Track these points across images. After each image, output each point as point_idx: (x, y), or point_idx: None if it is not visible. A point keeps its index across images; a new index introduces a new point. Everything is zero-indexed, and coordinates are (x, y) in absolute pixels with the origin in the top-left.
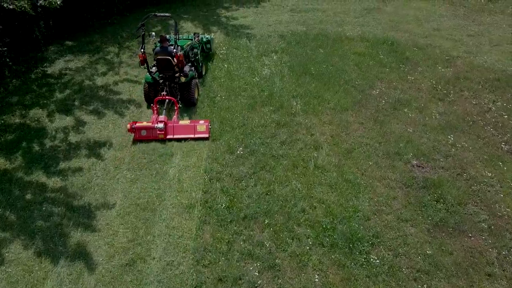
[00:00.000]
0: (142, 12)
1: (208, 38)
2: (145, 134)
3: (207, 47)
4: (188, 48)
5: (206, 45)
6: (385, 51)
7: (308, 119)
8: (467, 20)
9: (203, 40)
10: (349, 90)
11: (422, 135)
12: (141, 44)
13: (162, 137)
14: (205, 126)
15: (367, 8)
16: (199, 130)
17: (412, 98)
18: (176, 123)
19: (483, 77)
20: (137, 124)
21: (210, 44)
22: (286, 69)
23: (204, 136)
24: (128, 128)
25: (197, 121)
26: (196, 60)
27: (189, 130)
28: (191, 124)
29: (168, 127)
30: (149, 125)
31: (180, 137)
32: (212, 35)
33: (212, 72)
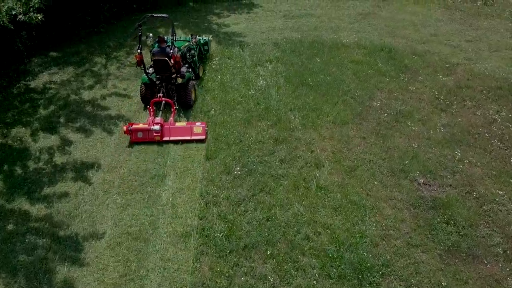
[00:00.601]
0: (130, 19)
1: (206, 39)
2: (141, 136)
3: (204, 48)
4: (186, 49)
5: (203, 47)
6: (383, 59)
7: (307, 134)
8: (464, 24)
9: (200, 41)
10: (348, 101)
11: (427, 149)
12: (138, 44)
13: (159, 139)
14: (201, 128)
15: (362, 13)
16: (196, 132)
17: (414, 109)
18: (172, 125)
19: (485, 85)
20: (133, 126)
21: (208, 45)
22: (282, 80)
23: (201, 138)
24: (124, 130)
25: (194, 123)
26: (193, 62)
27: (186, 132)
28: (188, 126)
29: (165, 129)
30: (145, 127)
31: (177, 139)
32: (210, 37)
33: (205, 84)
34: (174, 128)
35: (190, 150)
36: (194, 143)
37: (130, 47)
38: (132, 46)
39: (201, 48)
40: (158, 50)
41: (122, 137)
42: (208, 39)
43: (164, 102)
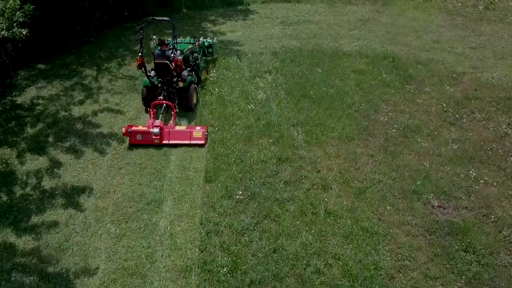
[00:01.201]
0: (122, 28)
1: (210, 42)
2: (140, 138)
3: (208, 51)
4: (188, 52)
5: (207, 49)
6: (386, 68)
7: (312, 152)
8: (467, 30)
9: (204, 44)
10: (353, 115)
11: (439, 168)
12: (139, 48)
13: (158, 142)
14: (201, 133)
15: (361, 19)
16: (195, 136)
17: (422, 123)
18: (172, 128)
19: (493, 96)
20: (133, 128)
21: (212, 48)
22: (283, 92)
23: (200, 143)
24: (123, 132)
25: (194, 127)
26: (196, 65)
27: (185, 136)
28: (187, 130)
29: (164, 132)
30: (144, 130)
31: (176, 142)
32: (215, 39)
33: (203, 97)
34: (174, 132)
35: (188, 171)
36: (192, 161)
37: (122, 57)
38: (124, 56)
39: (205, 51)
40: (159, 53)
41: (115, 157)
42: (213, 42)
43: (165, 105)
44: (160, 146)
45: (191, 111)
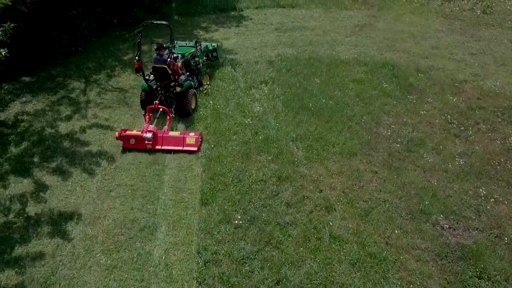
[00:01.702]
0: (111, 36)
1: (214, 46)
2: (133, 142)
3: (213, 55)
4: (190, 56)
5: (212, 53)
6: (386, 77)
7: (313, 169)
8: (465, 35)
9: (208, 48)
10: (354, 128)
11: (446, 185)
12: (137, 51)
13: (150, 147)
14: (194, 139)
15: (358, 24)
16: (188, 142)
17: (425, 135)
18: (166, 133)
19: (497, 105)
20: (127, 132)
21: (217, 52)
22: (280, 104)
23: (193, 150)
24: (116, 136)
25: (188, 133)
26: (198, 69)
27: (178, 142)
28: (181, 136)
29: (157, 137)
30: (138, 134)
31: (169, 148)
32: (220, 43)
33: (197, 111)
34: (167, 137)
35: (182, 192)
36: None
37: (111, 68)
38: (114, 67)
39: (209, 55)
40: (157, 58)
41: (105, 178)
42: (217, 45)
43: (161, 110)
44: (153, 163)
45: (188, 116)
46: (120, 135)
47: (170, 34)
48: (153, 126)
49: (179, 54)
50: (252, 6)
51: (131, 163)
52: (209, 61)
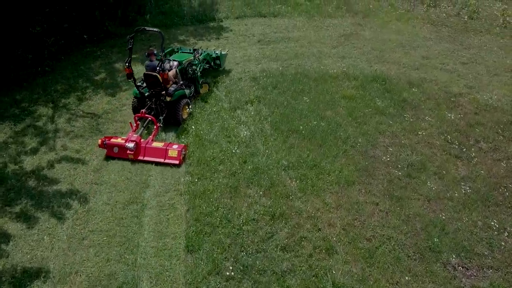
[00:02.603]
0: (81, 53)
1: (218, 53)
2: (117, 151)
3: (216, 63)
4: (187, 64)
5: (215, 61)
6: (378, 92)
7: (309, 203)
8: (454, 43)
9: (210, 55)
10: (349, 152)
11: (453, 216)
12: (128, 57)
13: (132, 157)
14: (177, 152)
15: (343, 34)
16: (171, 155)
17: (425, 158)
18: (149, 144)
19: (496, 120)
20: (112, 140)
21: (221, 60)
22: (268, 127)
23: (174, 163)
24: (99, 143)
25: (172, 144)
26: (196, 78)
27: (160, 154)
28: (163, 148)
29: (140, 147)
30: (121, 143)
31: (151, 159)
32: (227, 51)
33: (179, 136)
34: (150, 148)
35: (165, 238)
36: (170, 224)
37: (83, 90)
38: (85, 89)
39: (211, 63)
40: (148, 64)
41: (77, 224)
42: (221, 53)
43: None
44: (131, 202)
45: (179, 126)
46: (103, 143)
47: (161, 42)
48: (137, 136)
49: (175, 62)
50: (232, 16)
51: (106, 203)
52: (211, 68)
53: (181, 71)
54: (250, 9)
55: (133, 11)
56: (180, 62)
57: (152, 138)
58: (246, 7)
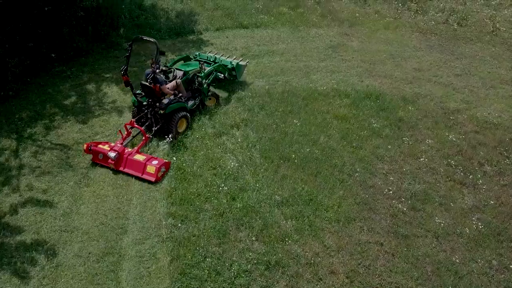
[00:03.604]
0: (49, 74)
1: (234, 64)
2: (102, 158)
3: (232, 74)
4: (192, 74)
5: (231, 72)
6: (372, 111)
7: (307, 246)
8: (445, 52)
9: (225, 66)
10: (346, 183)
11: (465, 255)
12: (124, 65)
13: (113, 167)
14: (154, 168)
15: (330, 45)
16: (148, 171)
17: (429, 187)
18: (132, 155)
19: (498, 139)
20: (99, 146)
21: (237, 71)
22: (257, 155)
23: (150, 179)
24: (84, 148)
25: (152, 159)
26: (202, 90)
27: (139, 168)
28: (143, 162)
29: (122, 158)
30: (105, 151)
31: (130, 172)
32: (246, 61)
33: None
34: (131, 160)
35: None
36: (151, 279)
37: (51, 117)
38: (53, 115)
39: (225, 74)
40: (147, 73)
41: (43, 284)
42: (238, 64)
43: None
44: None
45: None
46: (88, 148)
47: (156, 52)
48: (120, 146)
49: (181, 72)
50: (212, 28)
51: (78, 255)
52: (225, 80)
53: (186, 81)
54: (231, 20)
55: (105, 25)
56: (185, 72)
57: (137, 150)
58: (226, 18)
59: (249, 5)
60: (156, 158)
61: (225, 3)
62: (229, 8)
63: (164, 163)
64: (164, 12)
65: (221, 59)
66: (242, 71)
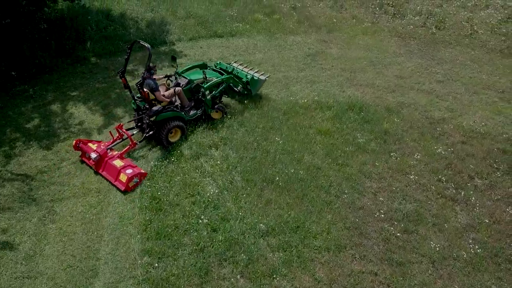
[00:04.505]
0: (9, 94)
1: (249, 77)
2: (88, 157)
3: (247, 88)
4: (194, 84)
5: (246, 86)
6: (356, 124)
7: (296, 281)
8: (425, 57)
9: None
10: (334, 205)
11: (463, 280)
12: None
13: (94, 169)
14: (126, 178)
15: (309, 53)
16: (121, 179)
17: (421, 205)
18: (112, 159)
19: (485, 149)
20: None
21: (253, 86)
22: (239, 178)
23: (120, 187)
24: (74, 144)
25: (128, 167)
26: (205, 101)
27: (113, 174)
28: (118, 168)
29: (102, 161)
30: (89, 150)
31: (105, 176)
32: (267, 76)
33: (127, 198)
34: (109, 164)
35: None
36: None
37: (11, 143)
38: (14, 141)
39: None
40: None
41: None
42: (253, 77)
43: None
44: None
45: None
46: (77, 145)
47: (148, 58)
48: (103, 149)
49: (186, 80)
50: (185, 38)
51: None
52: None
53: (189, 90)
54: (204, 29)
55: (70, 38)
56: (189, 80)
57: (120, 155)
58: (200, 27)
59: (222, 13)
60: (135, 166)
61: (198, 10)
62: (202, 16)
63: (138, 174)
64: (133, 21)
65: (237, 70)
66: (259, 86)
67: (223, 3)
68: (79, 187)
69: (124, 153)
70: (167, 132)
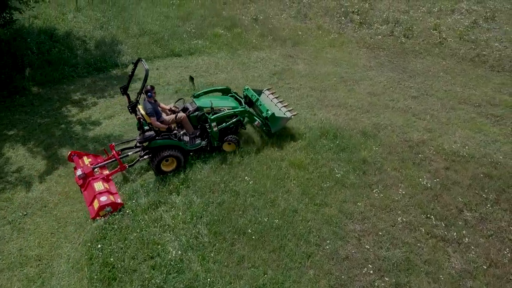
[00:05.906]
0: None
1: (269, 113)
2: None
3: (267, 124)
4: (201, 113)
5: (266, 121)
6: (331, 153)
7: None
8: (396, 70)
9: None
10: (315, 257)
11: None
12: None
13: (80, 187)
14: (98, 206)
15: (275, 71)
16: (93, 205)
17: (410, 251)
18: (95, 180)
19: (471, 176)
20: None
21: (270, 123)
22: (205, 231)
23: (90, 214)
24: (68, 155)
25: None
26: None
27: (90, 197)
28: (94, 193)
29: (87, 180)
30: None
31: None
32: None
33: (78, 264)
34: (90, 186)
35: None
36: None
37: None
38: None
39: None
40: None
41: None
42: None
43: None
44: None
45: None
46: (71, 157)
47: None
48: (89, 167)
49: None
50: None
51: None
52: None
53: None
54: (160, 47)
55: (6, 66)
56: (198, 107)
57: (106, 176)
58: (155, 45)
59: (179, 28)
60: (115, 193)
61: (152, 27)
62: (157, 33)
63: (111, 203)
64: (81, 42)
65: (260, 102)
66: (281, 124)
67: (179, 17)
68: (15, 255)
69: (110, 175)
70: (160, 160)
